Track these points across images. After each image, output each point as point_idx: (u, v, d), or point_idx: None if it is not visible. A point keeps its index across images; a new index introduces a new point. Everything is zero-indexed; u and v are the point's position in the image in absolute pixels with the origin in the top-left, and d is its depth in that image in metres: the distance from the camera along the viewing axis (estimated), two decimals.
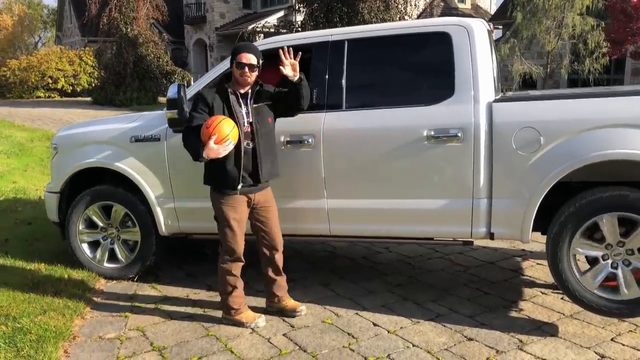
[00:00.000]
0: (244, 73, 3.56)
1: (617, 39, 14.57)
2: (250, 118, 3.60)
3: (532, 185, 3.57)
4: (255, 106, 3.63)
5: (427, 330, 3.72)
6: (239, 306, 3.79)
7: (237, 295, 3.78)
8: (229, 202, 3.62)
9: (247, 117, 3.60)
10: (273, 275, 3.88)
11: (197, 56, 32.68)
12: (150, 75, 25.44)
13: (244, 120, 3.58)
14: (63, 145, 4.80)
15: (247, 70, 3.55)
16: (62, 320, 3.82)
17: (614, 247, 3.54)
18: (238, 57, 3.56)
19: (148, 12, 25.29)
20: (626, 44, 14.42)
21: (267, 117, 3.67)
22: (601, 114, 3.43)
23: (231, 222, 3.62)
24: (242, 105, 3.61)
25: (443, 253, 5.34)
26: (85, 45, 32.79)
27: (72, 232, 4.70)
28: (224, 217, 3.64)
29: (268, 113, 3.69)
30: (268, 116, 3.68)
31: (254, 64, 3.57)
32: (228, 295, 3.77)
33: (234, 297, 3.77)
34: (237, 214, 3.63)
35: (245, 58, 3.55)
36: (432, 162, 3.75)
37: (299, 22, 20.07)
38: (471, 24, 3.81)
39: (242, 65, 3.54)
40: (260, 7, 30.35)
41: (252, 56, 3.57)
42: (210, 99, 3.56)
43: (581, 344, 3.50)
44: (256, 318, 3.80)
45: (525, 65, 17.17)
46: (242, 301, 3.82)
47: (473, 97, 3.67)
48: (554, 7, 16.50)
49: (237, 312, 3.79)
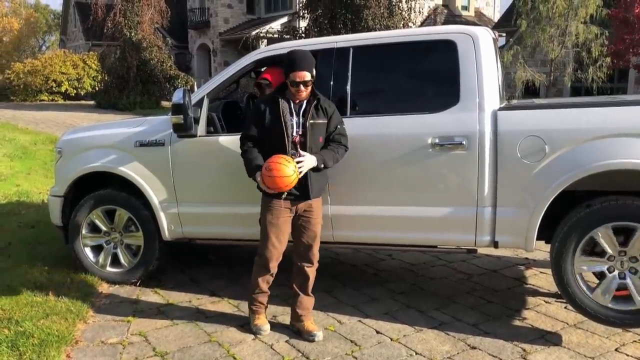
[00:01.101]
0: (299, 90, 3.50)
1: (619, 53, 14.55)
2: (300, 129, 3.54)
3: (537, 194, 3.56)
4: (312, 122, 3.54)
5: (430, 339, 3.71)
6: (255, 307, 3.83)
7: (256, 297, 3.79)
8: (271, 207, 3.60)
9: (297, 127, 3.54)
10: (298, 290, 3.79)
11: (201, 61, 32.76)
12: (153, 80, 25.55)
13: (293, 131, 3.53)
14: (67, 149, 4.81)
15: (302, 87, 3.49)
16: (65, 325, 3.81)
17: (616, 258, 3.53)
18: (292, 75, 3.47)
19: (152, 16, 25.38)
20: (628, 55, 14.41)
21: (319, 135, 3.59)
22: (606, 124, 3.43)
23: (267, 225, 3.61)
24: (293, 114, 3.55)
25: (446, 261, 5.33)
26: (89, 49, 32.93)
27: (75, 236, 4.70)
28: (263, 219, 3.64)
29: (321, 132, 3.60)
30: (320, 134, 3.60)
31: (308, 80, 3.49)
32: (251, 291, 3.82)
33: (255, 295, 3.80)
34: (276, 219, 3.59)
35: (299, 77, 3.46)
36: (437, 169, 3.75)
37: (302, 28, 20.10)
38: (476, 32, 3.82)
39: (297, 84, 3.47)
40: (264, 12, 30.44)
41: (306, 73, 3.46)
42: (262, 108, 3.58)
43: (585, 354, 3.49)
44: (262, 325, 3.80)
45: (529, 72, 17.19)
46: (260, 305, 3.83)
47: (478, 105, 3.67)
48: (558, 15, 16.53)
49: (251, 309, 3.85)
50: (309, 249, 3.71)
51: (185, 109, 3.98)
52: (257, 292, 3.79)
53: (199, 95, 4.27)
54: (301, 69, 3.45)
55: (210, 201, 4.33)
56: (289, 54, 3.55)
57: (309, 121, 3.53)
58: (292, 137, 3.53)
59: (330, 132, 3.65)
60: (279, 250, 3.65)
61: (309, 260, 3.73)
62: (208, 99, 4.28)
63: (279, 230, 3.61)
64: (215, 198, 4.31)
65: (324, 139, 3.63)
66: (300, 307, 3.79)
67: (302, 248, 3.72)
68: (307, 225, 3.67)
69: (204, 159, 4.28)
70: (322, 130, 3.60)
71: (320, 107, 3.59)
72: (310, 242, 3.70)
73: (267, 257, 3.64)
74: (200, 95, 4.26)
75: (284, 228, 3.63)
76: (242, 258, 5.45)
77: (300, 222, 3.67)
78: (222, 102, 4.87)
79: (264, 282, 3.75)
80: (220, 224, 4.35)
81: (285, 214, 3.60)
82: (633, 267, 3.51)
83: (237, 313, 4.15)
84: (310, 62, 3.52)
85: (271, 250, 3.63)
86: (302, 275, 3.77)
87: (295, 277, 3.80)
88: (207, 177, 4.29)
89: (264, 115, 3.57)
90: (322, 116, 3.59)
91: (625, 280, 3.53)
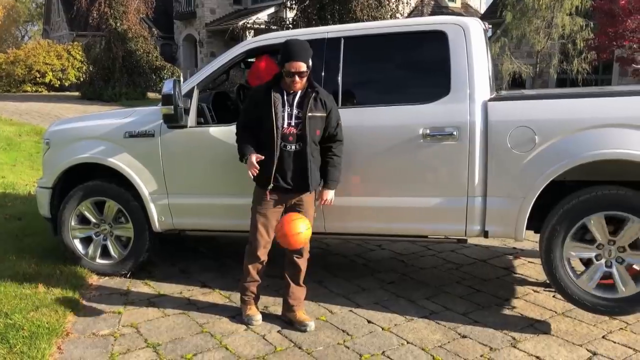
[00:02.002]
0: (294, 81, 3.47)
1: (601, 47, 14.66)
2: (293, 120, 3.51)
3: (527, 183, 3.60)
4: (310, 115, 3.50)
5: (421, 328, 3.74)
6: (247, 297, 3.84)
7: (248, 286, 3.80)
8: (261, 197, 3.64)
9: (288, 118, 3.50)
10: (290, 280, 3.80)
11: (187, 51, 32.49)
12: (139, 71, 25.30)
13: (285, 122, 3.50)
14: (55, 140, 4.77)
15: (297, 78, 3.46)
16: (55, 317, 3.79)
17: (605, 247, 3.58)
18: (287, 65, 3.43)
19: (138, 7, 25.11)
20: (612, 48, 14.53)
21: (317, 129, 3.55)
22: (595, 114, 3.47)
23: (256, 214, 3.66)
24: (285, 105, 3.51)
25: (435, 251, 5.37)
26: (74, 39, 32.47)
27: (64, 228, 4.66)
28: (253, 208, 3.68)
29: (319, 125, 3.56)
30: (318, 127, 3.56)
31: (303, 71, 3.45)
32: (243, 280, 3.82)
33: (246, 284, 3.81)
34: (264, 209, 3.64)
35: (294, 67, 3.42)
36: (428, 160, 3.77)
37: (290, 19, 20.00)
38: (467, 22, 3.83)
39: (292, 74, 3.44)
40: (250, 3, 30.22)
41: (302, 63, 3.42)
42: (257, 97, 3.58)
43: (573, 341, 3.54)
44: (254, 315, 3.81)
45: (515, 64, 17.28)
46: (251, 294, 3.84)
47: (469, 95, 3.69)
48: (544, 7, 16.62)
49: (243, 299, 3.86)
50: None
51: (175, 100, 3.96)
52: (248, 281, 3.79)
53: (189, 85, 4.24)
54: (296, 59, 3.41)
55: (201, 192, 4.31)
56: (285, 44, 3.51)
57: (307, 114, 3.50)
58: (283, 129, 3.51)
59: (332, 127, 3.63)
60: (266, 239, 3.68)
61: (299, 252, 3.73)
62: (198, 90, 4.26)
63: (267, 220, 3.65)
64: (205, 189, 4.29)
65: (321, 132, 3.59)
66: (292, 297, 3.80)
67: None
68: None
69: (194, 149, 4.26)
70: (320, 123, 3.56)
71: (320, 99, 3.56)
72: None
73: (254, 245, 3.69)
74: (190, 85, 4.24)
75: (272, 219, 3.66)
76: (232, 249, 5.44)
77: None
78: (212, 92, 4.85)
79: (254, 270, 3.76)
80: (211, 215, 4.34)
81: (274, 206, 3.64)
82: (620, 256, 3.56)
83: (229, 304, 4.15)
84: (307, 52, 3.48)
85: (258, 239, 3.67)
86: (293, 266, 3.78)
87: (286, 268, 3.81)
88: (198, 168, 4.27)
89: (256, 104, 3.58)
90: (320, 109, 3.55)
91: (611, 269, 3.58)
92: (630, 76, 15.53)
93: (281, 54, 3.49)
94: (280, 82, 3.57)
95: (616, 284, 3.56)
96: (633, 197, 3.47)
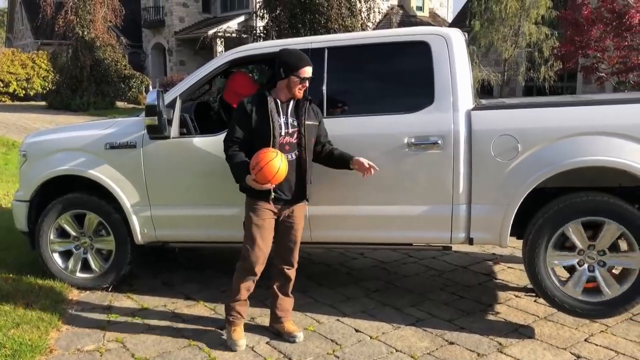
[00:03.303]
0: (303, 87, 3.47)
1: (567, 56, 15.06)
2: (290, 129, 3.48)
3: (510, 191, 3.67)
4: (308, 123, 3.51)
5: (409, 335, 3.77)
6: (233, 317, 3.66)
7: (235, 306, 3.64)
8: (257, 208, 3.50)
9: (285, 127, 3.47)
10: (278, 292, 3.74)
11: (156, 60, 32.18)
12: (107, 80, 24.92)
13: (282, 131, 3.45)
14: (32, 152, 4.67)
15: (307, 83, 3.48)
16: (37, 333, 3.70)
17: (586, 252, 3.67)
18: (300, 71, 3.42)
19: (105, 15, 24.77)
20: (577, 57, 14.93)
21: (312, 137, 3.56)
22: (575, 122, 3.56)
23: (253, 227, 3.51)
24: (281, 114, 3.48)
25: (417, 258, 5.42)
26: (39, 48, 31.82)
27: (42, 242, 4.56)
28: (248, 222, 3.53)
29: (313, 133, 3.57)
30: (312, 136, 3.57)
31: (312, 77, 3.51)
32: (231, 299, 3.67)
33: (233, 304, 3.64)
34: (262, 220, 3.50)
35: (307, 72, 3.44)
36: (413, 169, 3.81)
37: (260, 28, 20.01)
38: (449, 33, 3.90)
39: (305, 79, 3.45)
40: (220, 11, 30.15)
41: (311, 68, 3.47)
42: (249, 107, 3.46)
43: (557, 345, 3.61)
44: (238, 340, 3.61)
45: (484, 72, 17.62)
46: (238, 315, 3.67)
47: (452, 105, 3.75)
48: (511, 15, 17.03)
49: (228, 320, 3.68)
50: (291, 252, 3.68)
51: (159, 111, 3.92)
52: (236, 300, 3.64)
53: (172, 96, 4.21)
54: (308, 64, 3.45)
55: (184, 203, 4.27)
56: (285, 53, 3.49)
57: (306, 122, 3.50)
58: (280, 138, 3.45)
59: (323, 136, 3.67)
60: (265, 252, 3.56)
61: (290, 263, 3.71)
62: (181, 100, 4.23)
63: (265, 231, 3.53)
64: (189, 200, 4.26)
65: (314, 141, 3.61)
66: (280, 308, 3.77)
67: (284, 251, 3.68)
68: (290, 228, 3.63)
69: (177, 160, 4.22)
70: (314, 132, 3.58)
71: (312, 109, 3.58)
72: (292, 245, 3.67)
73: (252, 260, 3.52)
74: (172, 96, 4.21)
75: (269, 229, 3.55)
76: (215, 260, 5.41)
77: (283, 225, 3.61)
78: (194, 103, 4.82)
79: (245, 289, 3.62)
80: (195, 226, 4.30)
81: (270, 216, 3.54)
82: (601, 260, 3.66)
83: (214, 316, 4.11)
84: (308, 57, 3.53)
85: (257, 253, 3.52)
86: (283, 278, 3.75)
87: (275, 280, 3.77)
88: (181, 179, 4.23)
89: (250, 115, 3.46)
90: (313, 118, 3.57)
91: (594, 273, 3.67)
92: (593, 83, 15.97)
93: (287, 63, 3.44)
94: (272, 90, 3.54)
95: (601, 287, 3.64)
96: (607, 201, 3.58)
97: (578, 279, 3.69)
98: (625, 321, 3.90)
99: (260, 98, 3.50)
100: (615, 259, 3.66)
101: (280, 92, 3.51)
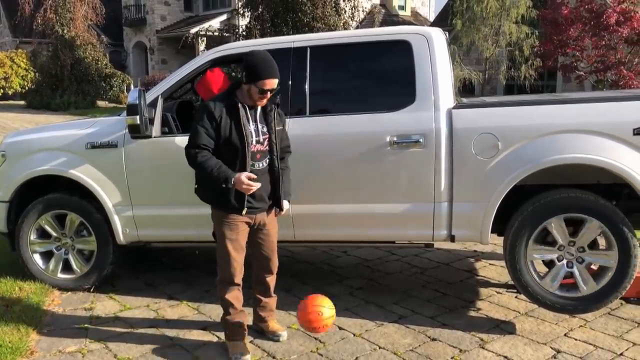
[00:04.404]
0: (264, 97, 3.28)
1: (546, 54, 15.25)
2: (260, 137, 3.33)
3: (491, 189, 3.71)
4: (278, 129, 3.41)
5: (392, 332, 3.80)
6: (232, 332, 3.53)
7: (232, 319, 3.50)
8: (228, 222, 3.36)
9: (255, 135, 3.31)
10: (261, 297, 3.70)
11: (137, 59, 31.94)
12: (88, 79, 24.70)
13: (253, 139, 3.29)
14: (12, 152, 4.61)
15: (269, 94, 3.28)
16: (18, 335, 3.67)
17: (566, 248, 3.73)
18: (261, 83, 3.19)
19: (86, 13, 24.52)
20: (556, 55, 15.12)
21: (280, 142, 3.46)
22: (554, 120, 3.61)
23: (226, 242, 3.36)
24: (250, 121, 3.30)
25: (399, 255, 5.45)
26: (17, 46, 31.38)
27: (22, 243, 4.51)
28: (221, 236, 3.38)
29: (280, 138, 3.46)
30: (279, 141, 3.46)
31: (275, 88, 3.29)
32: (225, 313, 3.54)
33: (229, 318, 3.51)
34: (235, 234, 3.37)
35: (270, 85, 3.22)
36: (395, 167, 3.84)
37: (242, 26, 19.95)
38: (431, 32, 3.93)
39: (265, 91, 3.24)
40: (202, 10, 30.02)
41: (276, 80, 3.25)
42: (217, 113, 3.23)
43: (538, 340, 3.66)
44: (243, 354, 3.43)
45: (465, 71, 17.75)
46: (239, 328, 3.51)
47: (434, 103, 3.78)
48: (492, 15, 17.19)
49: (229, 336, 3.55)
50: (269, 259, 3.61)
51: (141, 110, 3.90)
52: (231, 313, 3.48)
53: (153, 95, 4.19)
54: (272, 77, 3.22)
55: (166, 203, 4.25)
56: (252, 58, 3.26)
57: (276, 127, 3.40)
58: (251, 147, 3.29)
59: (286, 139, 3.57)
60: (241, 262, 3.44)
61: (270, 271, 3.65)
62: (162, 99, 4.21)
63: (239, 243, 3.41)
64: (171, 199, 4.24)
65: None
66: (264, 309, 3.75)
67: (262, 260, 3.61)
68: (265, 237, 3.54)
69: (159, 160, 4.20)
70: (280, 136, 3.46)
71: (279, 113, 3.47)
72: (270, 253, 3.59)
73: (231, 272, 3.41)
74: (154, 95, 4.19)
75: (243, 239, 3.43)
76: (198, 260, 5.39)
77: (258, 234, 3.51)
78: (176, 102, 4.79)
79: (235, 299, 3.47)
80: (177, 226, 4.28)
81: (244, 227, 3.41)
82: (580, 256, 3.72)
83: (197, 315, 4.10)
84: (276, 67, 3.27)
85: (234, 265, 3.39)
86: (263, 285, 3.69)
87: (256, 286, 3.72)
88: (163, 179, 4.21)
89: (219, 121, 3.23)
90: (279, 122, 3.45)
91: (572, 269, 3.73)
92: (573, 82, 16.19)
93: (251, 69, 3.22)
94: (238, 96, 3.32)
95: (577, 283, 3.70)
96: (589, 199, 3.63)
97: (556, 273, 3.75)
98: (604, 316, 3.97)
99: (231, 104, 3.28)
100: (594, 256, 3.72)
101: (245, 96, 3.33)
